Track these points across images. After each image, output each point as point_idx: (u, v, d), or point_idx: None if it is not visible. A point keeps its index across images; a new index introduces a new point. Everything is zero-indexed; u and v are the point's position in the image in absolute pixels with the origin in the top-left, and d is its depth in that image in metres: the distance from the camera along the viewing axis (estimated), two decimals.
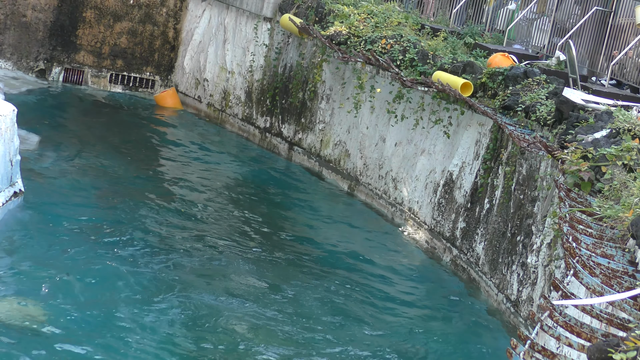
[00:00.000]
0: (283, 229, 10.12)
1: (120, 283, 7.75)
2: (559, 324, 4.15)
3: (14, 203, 8.87)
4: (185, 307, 7.56)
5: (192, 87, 14.67)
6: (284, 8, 12.85)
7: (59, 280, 7.55)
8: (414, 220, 10.47)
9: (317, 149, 12.33)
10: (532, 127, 8.35)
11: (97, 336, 6.79)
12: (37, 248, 8.19)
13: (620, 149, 6.54)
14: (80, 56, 14.38)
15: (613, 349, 3.31)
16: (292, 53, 12.71)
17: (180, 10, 14.81)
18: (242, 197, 11.04)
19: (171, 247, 8.88)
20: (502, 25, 10.90)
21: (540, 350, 3.88)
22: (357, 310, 8.18)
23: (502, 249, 8.69)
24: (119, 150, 11.92)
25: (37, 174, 10.09)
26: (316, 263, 9.21)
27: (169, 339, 6.97)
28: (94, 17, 14.28)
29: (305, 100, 12.49)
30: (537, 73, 8.94)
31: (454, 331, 8.19)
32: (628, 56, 9.01)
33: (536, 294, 7.91)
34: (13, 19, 13.82)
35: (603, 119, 7.43)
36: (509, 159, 8.87)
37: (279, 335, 7.34)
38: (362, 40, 10.96)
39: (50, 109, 13.16)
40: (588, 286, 4.63)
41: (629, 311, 4.27)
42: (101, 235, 8.79)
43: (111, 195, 10.08)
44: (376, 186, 11.24)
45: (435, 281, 9.35)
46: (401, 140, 10.91)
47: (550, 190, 8.00)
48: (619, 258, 5.12)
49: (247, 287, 8.21)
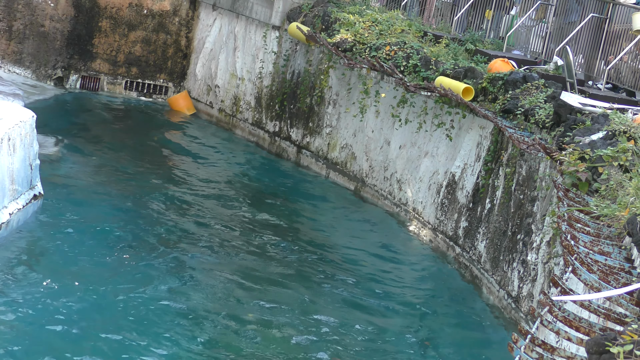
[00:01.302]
0: (291, 229, 10.34)
1: (139, 285, 7.91)
2: (559, 319, 4.27)
3: (34, 206, 9.09)
4: (202, 307, 7.72)
5: (204, 93, 15.03)
6: (292, 17, 13.17)
7: (77, 282, 7.73)
8: (418, 220, 10.73)
9: (324, 152, 12.62)
10: (531, 129, 8.55)
11: (114, 335, 6.97)
12: (56, 249, 8.40)
13: (616, 150, 6.72)
14: (97, 64, 14.75)
15: (610, 342, 3.40)
16: (299, 60, 13.03)
17: (192, 20, 15.18)
18: (252, 198, 11.32)
19: (186, 248, 9.07)
20: (502, 32, 11.17)
21: (540, 344, 3.98)
22: (361, 307, 8.38)
23: (503, 247, 8.92)
24: (134, 153, 12.19)
25: (56, 178, 10.32)
26: (322, 261, 9.45)
27: (184, 339, 7.14)
28: (109, 27, 14.66)
29: (312, 105, 12.79)
30: (536, 78, 9.16)
31: (457, 326, 8.39)
32: (623, 61, 9.25)
33: (536, 290, 8.10)
34: (32, 29, 14.23)
35: (599, 121, 7.62)
36: (509, 161, 9.11)
37: (283, 331, 7.51)
38: (367, 47, 11.23)
39: (68, 115, 13.47)
40: (586, 282, 4.78)
41: (625, 306, 4.42)
42: (118, 236, 9.03)
43: (127, 198, 10.33)
44: (381, 187, 11.51)
45: (439, 278, 9.58)
46: (405, 143, 11.18)
47: (549, 190, 8.20)
48: (616, 255, 5.24)
49: (257, 285, 8.41)
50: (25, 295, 7.43)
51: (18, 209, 8.76)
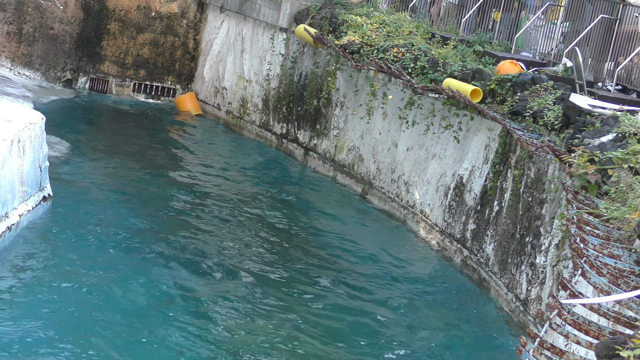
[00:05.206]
0: (297, 231, 10.37)
1: (148, 287, 7.95)
2: (568, 322, 4.22)
3: (43, 207, 9.16)
4: (210, 308, 7.76)
5: (212, 96, 15.07)
6: (299, 19, 13.20)
7: (86, 283, 7.76)
8: (426, 222, 10.70)
9: (331, 154, 12.62)
10: (540, 131, 8.51)
11: (123, 335, 7.01)
12: (65, 251, 8.43)
13: (626, 153, 6.66)
14: (105, 66, 14.84)
15: (620, 346, 3.38)
16: (307, 62, 13.05)
17: (200, 22, 15.24)
18: (260, 200, 11.34)
19: (194, 250, 9.10)
20: (511, 33, 11.13)
21: (549, 347, 3.94)
22: (369, 310, 8.37)
23: (511, 250, 8.89)
24: (143, 155, 12.25)
25: (65, 179, 10.38)
26: (329, 263, 9.46)
27: (193, 340, 7.17)
28: (117, 29, 14.76)
29: (320, 107, 12.80)
30: (545, 79, 9.12)
31: (465, 329, 8.37)
32: (633, 62, 9.19)
33: (545, 293, 8.07)
34: (41, 32, 14.35)
35: (609, 123, 7.58)
36: (517, 163, 9.07)
37: (291, 334, 7.52)
38: (374, 49, 11.23)
39: (77, 116, 13.56)
40: (595, 285, 4.73)
41: (635, 310, 4.35)
42: (127, 238, 9.06)
43: (136, 199, 10.38)
44: (389, 190, 11.50)
45: (447, 281, 9.57)
46: (413, 145, 11.16)
47: (558, 193, 8.16)
48: (626, 258, 5.19)
49: (262, 288, 8.43)
50: (34, 295, 7.48)
51: (28, 210, 8.82)
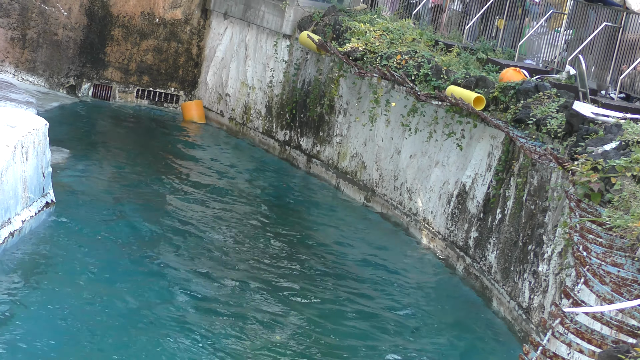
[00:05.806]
0: (300, 238, 10.36)
1: (150, 292, 7.97)
2: (570, 331, 4.24)
3: (46, 213, 9.18)
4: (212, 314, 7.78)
5: (215, 102, 15.12)
6: (303, 26, 13.24)
7: (88, 289, 7.79)
8: (428, 230, 10.69)
9: (334, 161, 12.63)
10: (543, 139, 8.52)
11: (125, 340, 7.02)
12: (68, 256, 8.46)
13: (629, 161, 6.67)
14: (109, 72, 14.89)
15: (623, 355, 3.42)
16: (310, 69, 13.08)
17: (203, 28, 15.30)
18: (263, 207, 11.36)
19: (197, 256, 9.12)
20: (514, 41, 11.15)
21: (551, 356, 3.97)
22: (370, 316, 8.37)
23: (514, 258, 8.86)
24: (146, 162, 12.27)
25: (68, 185, 10.42)
26: (332, 270, 9.45)
27: (194, 344, 7.18)
28: (121, 35, 14.81)
29: (323, 114, 12.82)
30: (548, 87, 9.13)
31: (467, 337, 8.36)
32: (637, 70, 9.18)
33: (547, 301, 8.05)
34: (45, 38, 14.41)
35: (612, 131, 7.58)
36: (520, 171, 9.06)
37: (294, 342, 7.53)
38: (377, 56, 11.26)
39: (81, 123, 13.60)
40: (598, 294, 4.77)
41: (638, 319, 4.38)
42: (130, 243, 9.09)
43: (139, 205, 10.39)
44: (391, 197, 11.49)
45: (449, 289, 9.54)
46: (415, 152, 11.16)
47: (560, 201, 8.15)
48: (629, 267, 5.23)
49: (265, 294, 8.44)
50: (36, 300, 7.50)
51: (30, 216, 8.85)
